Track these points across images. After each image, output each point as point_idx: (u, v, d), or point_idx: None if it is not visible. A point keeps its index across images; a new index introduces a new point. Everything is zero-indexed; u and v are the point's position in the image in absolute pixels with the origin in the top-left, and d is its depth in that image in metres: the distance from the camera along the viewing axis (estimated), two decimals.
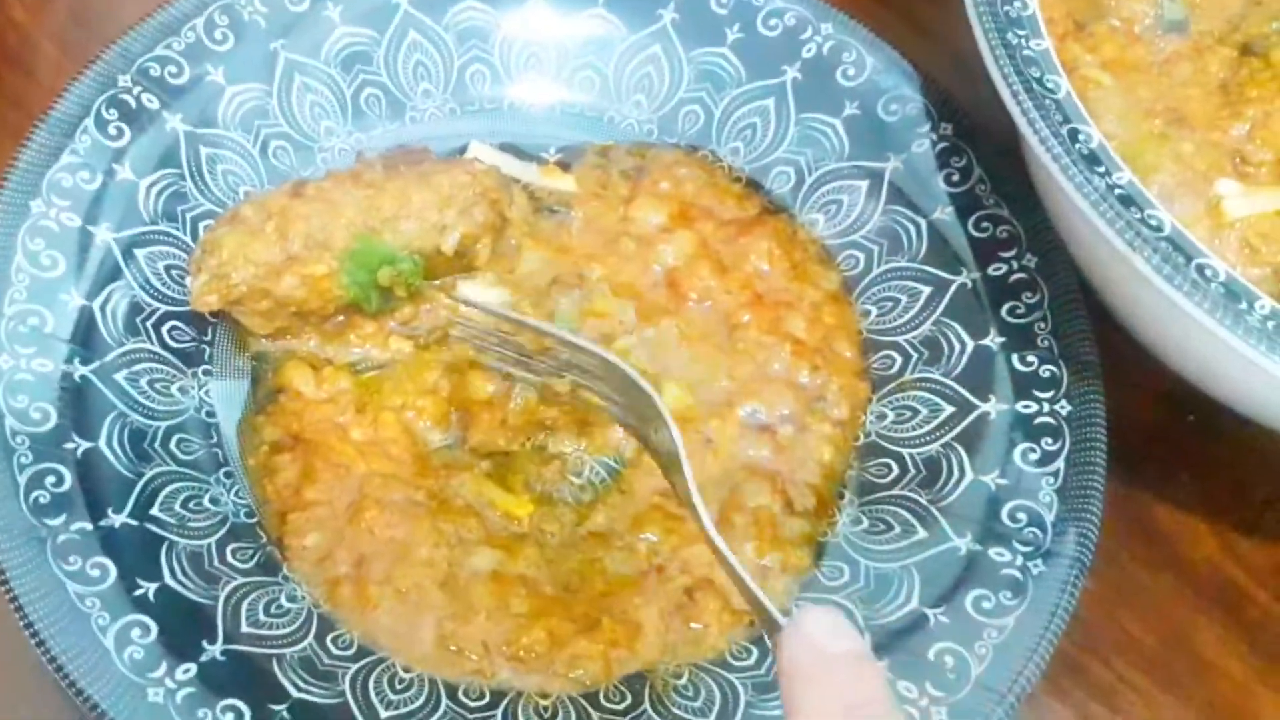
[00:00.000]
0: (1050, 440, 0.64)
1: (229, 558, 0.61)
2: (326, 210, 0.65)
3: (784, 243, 0.72)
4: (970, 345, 0.68)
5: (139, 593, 0.57)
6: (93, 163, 0.66)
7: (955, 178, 0.71)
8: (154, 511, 0.60)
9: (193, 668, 0.56)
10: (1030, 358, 0.66)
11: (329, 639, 0.59)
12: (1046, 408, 0.65)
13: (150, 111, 0.69)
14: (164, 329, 0.66)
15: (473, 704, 0.58)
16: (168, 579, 0.58)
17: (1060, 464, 0.63)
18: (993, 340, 0.67)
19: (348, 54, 0.74)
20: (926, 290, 0.69)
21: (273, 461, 0.64)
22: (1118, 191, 0.57)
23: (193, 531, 0.61)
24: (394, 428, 0.66)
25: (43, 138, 0.66)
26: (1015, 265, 0.68)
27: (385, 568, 0.61)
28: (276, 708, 0.56)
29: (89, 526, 0.58)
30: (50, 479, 0.59)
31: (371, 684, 0.58)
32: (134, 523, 0.59)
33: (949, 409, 0.66)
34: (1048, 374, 0.66)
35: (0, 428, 0.59)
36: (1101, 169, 0.58)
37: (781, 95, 0.75)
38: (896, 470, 0.66)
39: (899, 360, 0.69)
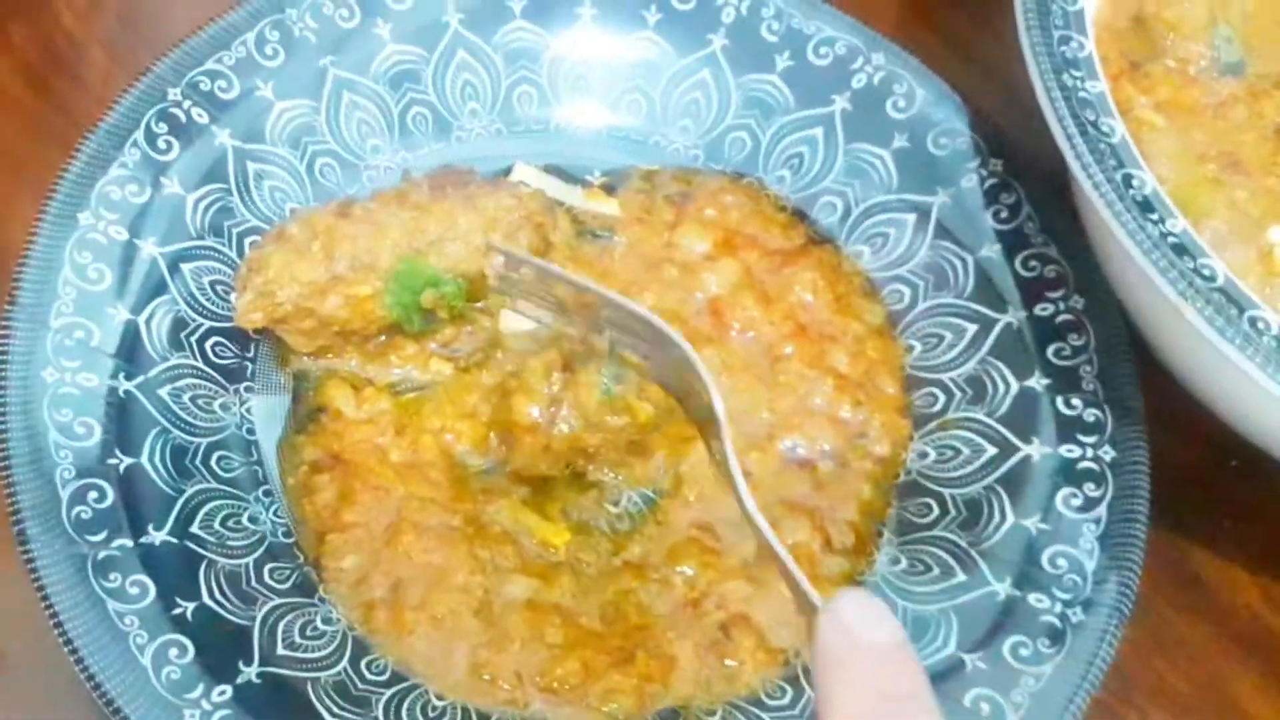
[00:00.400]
0: (1093, 486, 0.63)
1: (266, 578, 0.61)
2: (372, 231, 0.65)
3: (829, 274, 0.72)
4: (1015, 386, 0.67)
5: (177, 611, 0.57)
6: (141, 176, 0.67)
7: (1004, 215, 0.70)
8: (194, 529, 0.60)
9: (229, 689, 0.56)
10: (1075, 401, 0.66)
11: (363, 663, 0.59)
12: (1090, 453, 0.64)
13: (199, 126, 0.69)
14: (207, 345, 0.66)
15: None
16: (206, 598, 0.58)
17: (1102, 511, 0.63)
18: (1037, 382, 0.67)
19: (396, 72, 0.73)
20: (972, 328, 0.69)
21: (312, 481, 0.64)
22: (1171, 240, 0.57)
23: (231, 550, 0.61)
24: (433, 450, 0.66)
25: (92, 149, 0.66)
26: (1062, 306, 0.68)
27: (421, 593, 0.61)
28: None
29: (129, 543, 0.58)
30: (93, 495, 0.59)
31: (405, 711, 0.58)
32: (174, 540, 0.59)
33: (991, 450, 0.66)
34: (1092, 418, 0.65)
35: (44, 442, 0.59)
36: (1155, 216, 0.57)
37: (830, 125, 0.74)
38: (937, 510, 0.65)
39: (942, 398, 0.68)
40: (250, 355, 0.67)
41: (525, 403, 0.65)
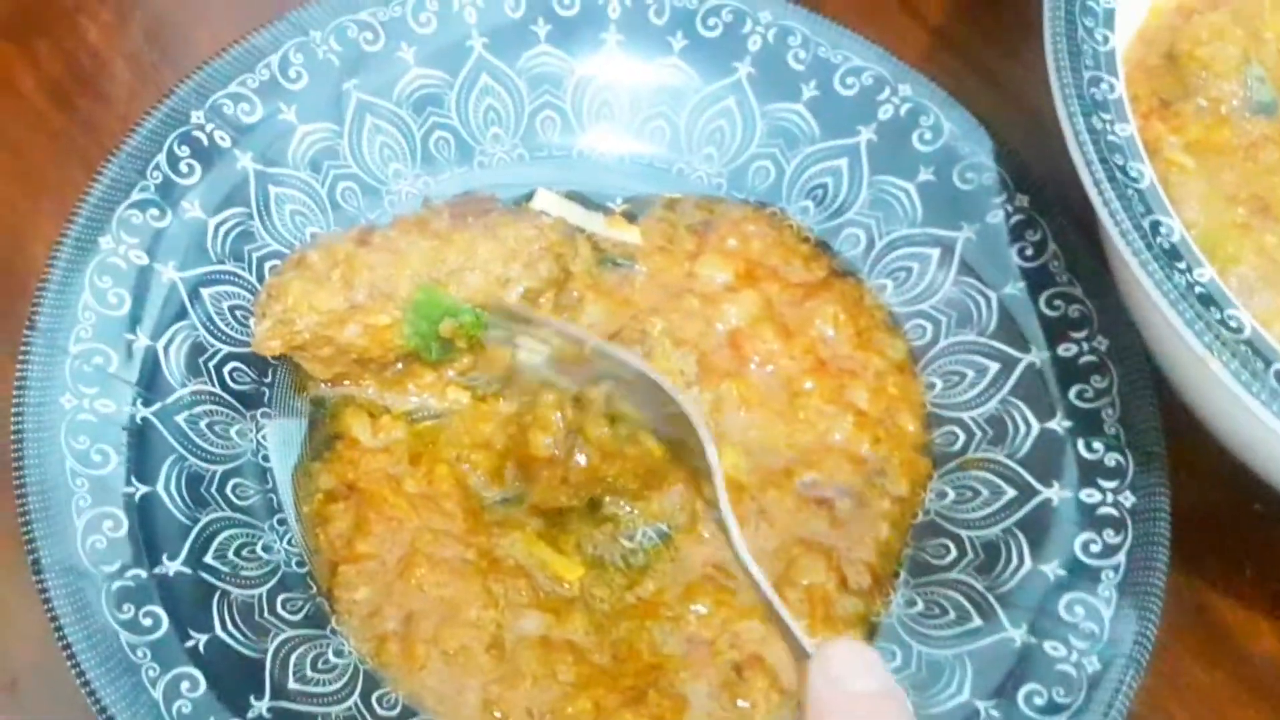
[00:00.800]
0: (1113, 533, 0.63)
1: (279, 609, 0.61)
2: (392, 260, 0.65)
3: (850, 308, 0.71)
4: (1036, 427, 0.66)
5: (190, 644, 0.57)
6: (162, 200, 0.66)
7: (1029, 252, 0.70)
8: (208, 559, 0.60)
9: None
10: (1096, 445, 0.65)
11: (374, 698, 0.59)
12: (1110, 498, 0.64)
13: (221, 149, 0.69)
14: (225, 370, 0.66)
15: None
16: (218, 630, 0.58)
17: (1121, 558, 0.62)
18: (1059, 424, 0.66)
19: (420, 96, 0.73)
20: (994, 367, 0.68)
21: (326, 510, 0.64)
22: (1198, 290, 0.56)
23: (245, 581, 0.61)
24: (448, 481, 0.65)
25: (114, 173, 0.66)
26: (1086, 347, 0.67)
27: (433, 627, 0.61)
28: None
29: (144, 574, 0.58)
30: (108, 524, 0.59)
31: None
32: (188, 570, 0.59)
33: (1011, 492, 0.65)
34: (1113, 463, 0.64)
35: (60, 469, 0.59)
36: (1182, 265, 0.56)
37: (855, 156, 0.73)
38: (954, 552, 0.65)
39: (962, 437, 0.68)
40: (268, 381, 0.67)
41: (540, 436, 0.65)
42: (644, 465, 0.65)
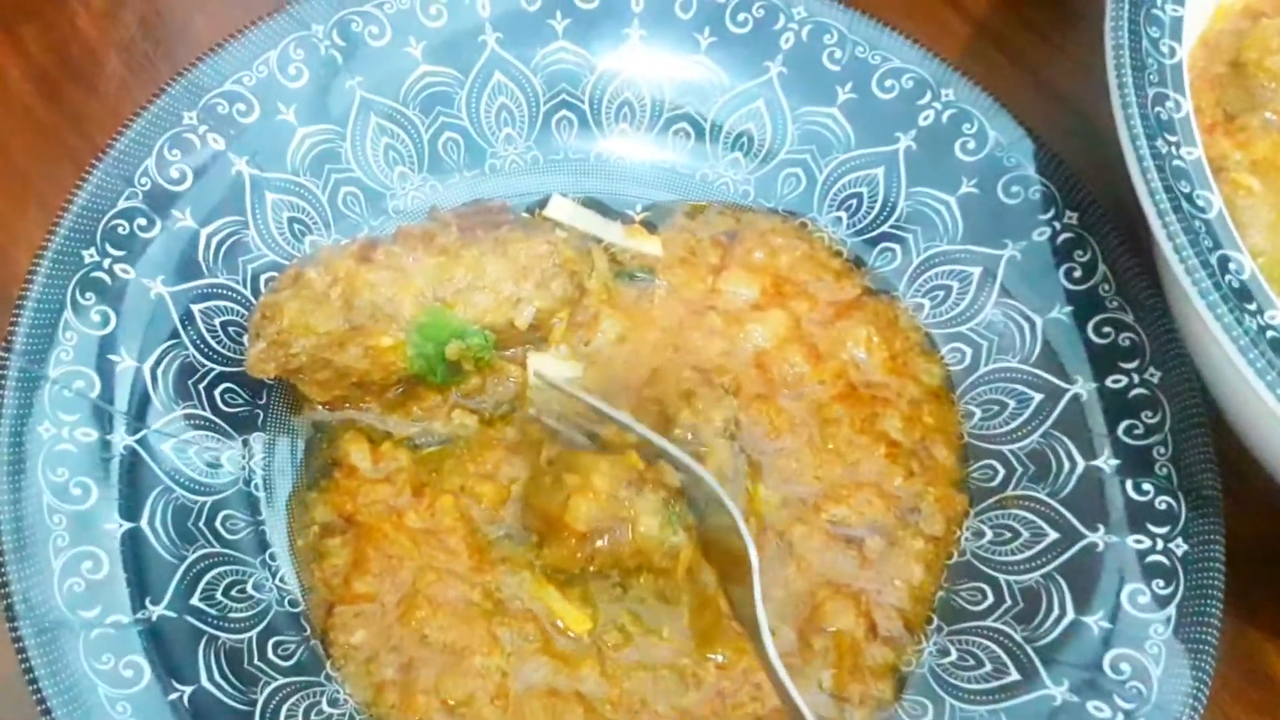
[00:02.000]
0: (1162, 583, 0.59)
1: (270, 654, 0.57)
2: (396, 279, 0.60)
3: (884, 329, 0.67)
4: (1081, 465, 0.62)
5: (173, 697, 0.54)
6: (151, 209, 0.62)
7: (1077, 274, 0.65)
8: (195, 600, 0.57)
9: None
10: (1146, 486, 0.61)
11: None
12: (1160, 545, 0.59)
13: (215, 152, 0.64)
14: (217, 392, 0.62)
15: None
16: (204, 680, 0.55)
17: (1172, 611, 0.58)
18: (1106, 462, 0.62)
19: (428, 95, 0.69)
20: (1036, 397, 0.64)
21: (322, 545, 0.61)
22: (1270, 335, 0.51)
23: (234, 624, 0.57)
24: (451, 514, 0.61)
25: (99, 179, 0.62)
26: (1136, 379, 0.63)
27: (434, 675, 0.57)
28: None
29: (125, 619, 0.55)
30: (87, 564, 0.55)
31: None
32: (173, 614, 0.56)
33: (1052, 534, 0.61)
34: (1164, 506, 0.60)
35: (37, 505, 0.55)
36: (1253, 306, 0.52)
37: (893, 165, 0.69)
38: (991, 598, 0.60)
39: (1001, 472, 0.63)
40: (262, 402, 0.63)
41: (587, 507, 0.58)
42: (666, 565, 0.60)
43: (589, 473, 0.59)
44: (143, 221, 0.62)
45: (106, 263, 0.61)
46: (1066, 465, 0.62)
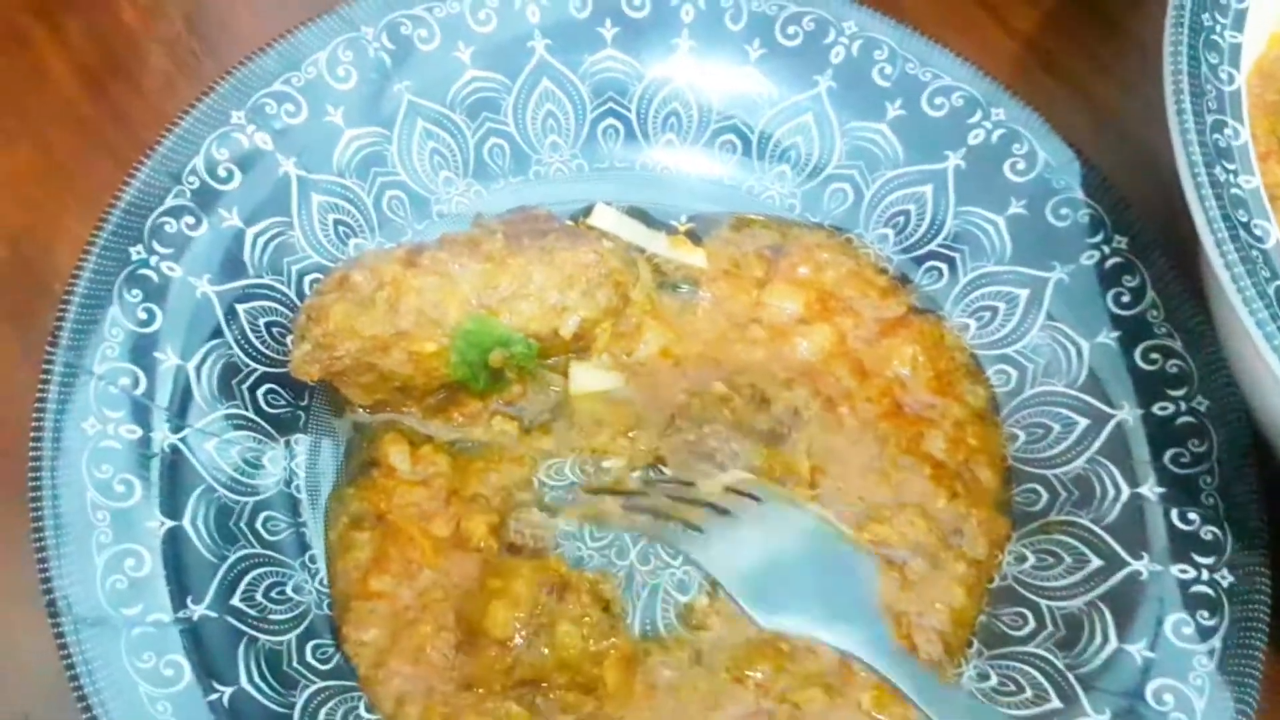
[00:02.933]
0: (1207, 614, 0.58)
1: (309, 657, 0.57)
2: (442, 285, 0.60)
3: (930, 348, 0.66)
4: (1126, 492, 0.61)
5: (213, 698, 0.53)
6: (199, 207, 0.62)
7: (1125, 299, 0.64)
8: (235, 601, 0.56)
9: None
10: (1191, 515, 0.60)
11: None
12: (1205, 575, 0.59)
13: (263, 153, 0.64)
14: (259, 392, 0.62)
15: None
16: (244, 681, 0.54)
17: (1216, 643, 0.57)
18: (1151, 489, 0.61)
19: (475, 100, 0.68)
20: (1082, 422, 0.63)
21: (350, 536, 0.60)
22: None
23: (274, 626, 0.57)
24: (481, 533, 0.61)
25: (147, 175, 0.62)
26: (1183, 406, 0.62)
27: (450, 705, 0.56)
28: None
29: (166, 618, 0.54)
30: (129, 562, 0.55)
31: None
32: (214, 614, 0.55)
33: (1096, 562, 0.60)
34: (1210, 536, 0.60)
35: (81, 502, 0.55)
36: None
37: (941, 183, 0.68)
38: (1032, 623, 0.60)
39: (1045, 497, 0.63)
40: (304, 404, 0.63)
41: (504, 613, 0.57)
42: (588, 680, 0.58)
43: (510, 581, 0.57)
44: (190, 220, 0.62)
45: (153, 260, 0.60)
46: (1111, 492, 0.62)
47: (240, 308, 0.62)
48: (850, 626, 0.51)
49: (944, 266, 0.68)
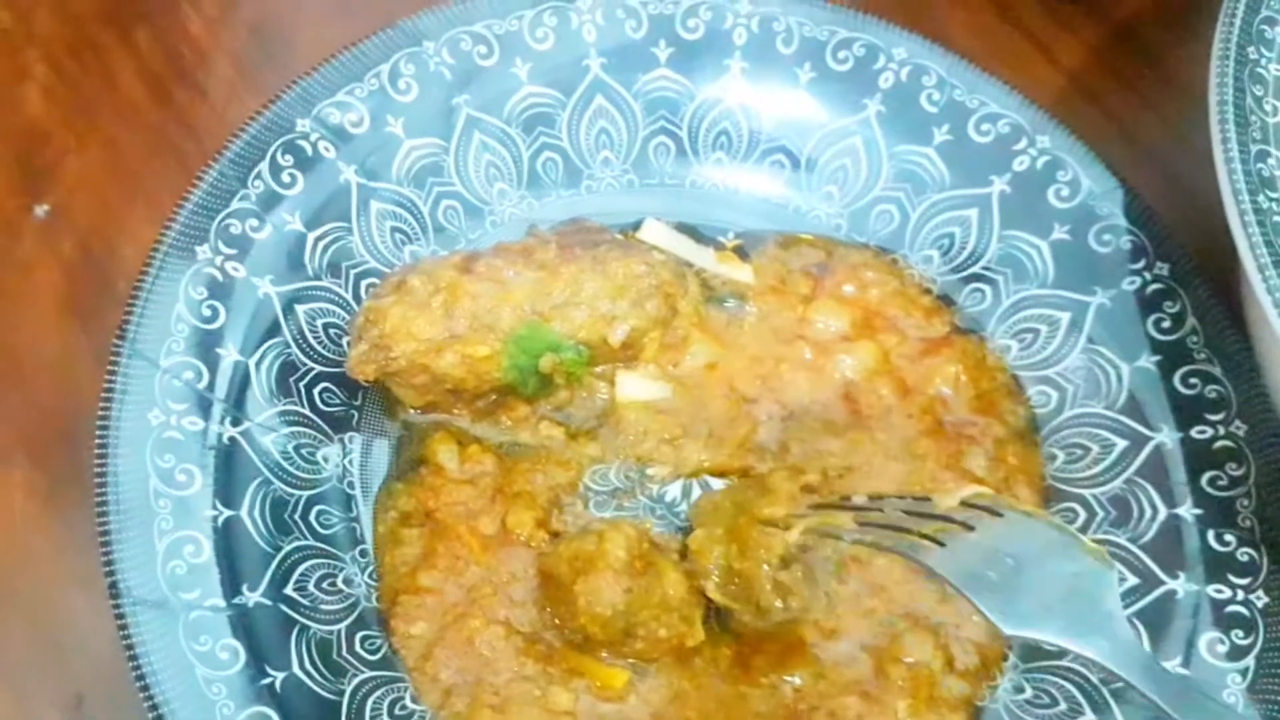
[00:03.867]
0: (1241, 634, 0.59)
1: (358, 647, 0.58)
2: (496, 291, 0.62)
3: (972, 368, 0.67)
4: (1163, 513, 0.62)
5: (266, 681, 0.55)
6: (263, 210, 0.64)
7: (1166, 324, 0.65)
8: (288, 590, 0.58)
9: None
10: (1228, 537, 0.61)
11: None
12: (1241, 596, 0.60)
13: (326, 160, 0.66)
14: (315, 391, 0.63)
15: None
16: (296, 668, 0.56)
17: (1250, 662, 0.58)
18: (1188, 511, 0.62)
19: (531, 115, 0.70)
20: (1121, 444, 0.64)
21: (399, 533, 0.62)
22: None
23: (324, 615, 0.58)
24: (528, 526, 0.62)
25: (214, 178, 0.64)
26: (1222, 431, 0.63)
27: (500, 695, 0.58)
28: None
29: (223, 604, 0.56)
30: (189, 548, 0.56)
31: None
32: (268, 602, 0.57)
33: (1132, 580, 0.61)
34: (1246, 558, 0.60)
35: (144, 489, 0.57)
36: None
37: (986, 207, 0.70)
38: None
39: (1082, 516, 0.64)
40: (357, 404, 0.64)
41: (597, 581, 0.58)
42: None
43: (602, 542, 0.58)
44: (254, 222, 0.64)
45: (219, 260, 0.62)
46: (1148, 512, 0.63)
47: (299, 308, 0.64)
48: (1097, 637, 0.52)
49: (987, 288, 0.69)
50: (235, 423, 0.60)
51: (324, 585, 0.59)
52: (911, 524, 0.56)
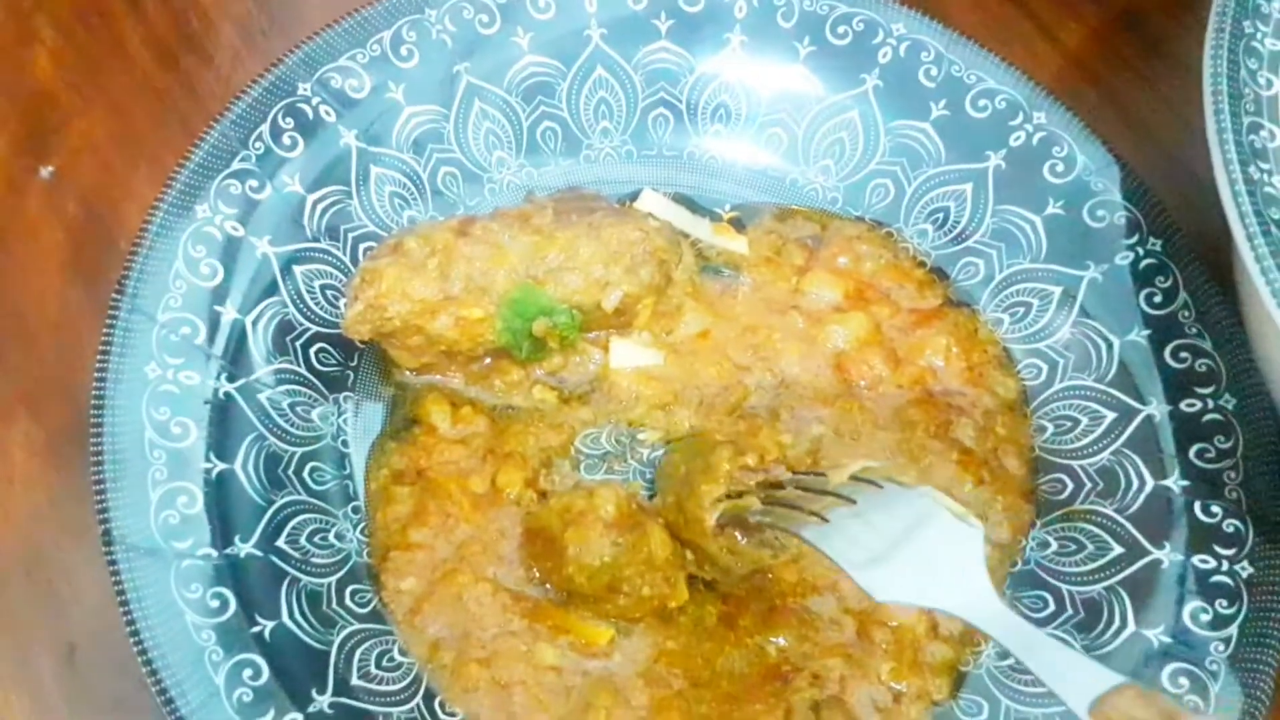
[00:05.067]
0: (1225, 603, 0.59)
1: (348, 600, 0.59)
2: (491, 253, 0.62)
3: (963, 340, 0.68)
4: (1150, 484, 0.63)
5: (256, 630, 0.55)
6: (262, 171, 0.65)
7: (1157, 299, 0.66)
8: (280, 543, 0.59)
9: (299, 718, 0.54)
10: (1215, 509, 0.61)
11: (437, 703, 0.57)
12: (1226, 566, 0.60)
13: (326, 124, 0.67)
14: (312, 350, 0.64)
15: None
16: (285, 618, 0.57)
17: (1233, 630, 0.59)
18: (1175, 483, 0.62)
19: (531, 84, 0.71)
20: (1109, 416, 0.65)
21: (391, 490, 0.63)
22: None
23: (315, 568, 0.59)
24: (517, 486, 0.63)
25: (215, 139, 0.64)
26: (1210, 404, 0.63)
27: (486, 649, 0.58)
28: None
29: (214, 554, 0.57)
30: (182, 499, 0.57)
31: None
32: (259, 554, 0.58)
33: (1117, 549, 0.62)
34: (1231, 529, 0.61)
35: (139, 440, 0.57)
36: None
37: (981, 182, 0.70)
38: (1053, 606, 0.61)
39: (1070, 486, 0.64)
40: (353, 364, 0.65)
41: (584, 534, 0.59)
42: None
43: (592, 497, 0.59)
44: (254, 183, 0.64)
45: (218, 219, 0.63)
46: (1135, 483, 0.63)
47: (297, 269, 0.65)
48: (952, 592, 0.52)
49: (980, 262, 0.70)
50: (231, 379, 0.61)
51: (316, 539, 0.60)
52: (806, 501, 0.56)
